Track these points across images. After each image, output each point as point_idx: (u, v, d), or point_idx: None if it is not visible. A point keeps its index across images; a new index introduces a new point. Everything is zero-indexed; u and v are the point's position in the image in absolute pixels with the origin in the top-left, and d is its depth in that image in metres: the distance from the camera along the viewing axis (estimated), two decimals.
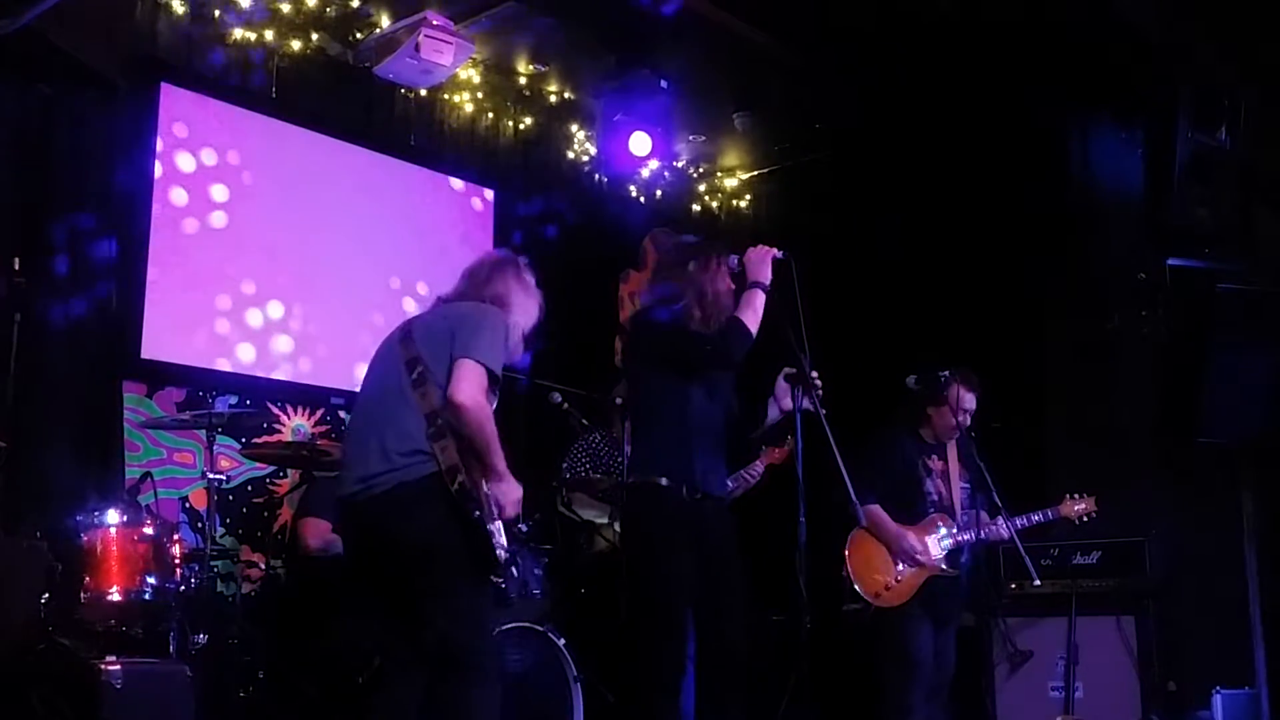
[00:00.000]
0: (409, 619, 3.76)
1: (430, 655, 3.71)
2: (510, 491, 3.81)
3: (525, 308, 4.08)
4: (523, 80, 7.17)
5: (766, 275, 4.43)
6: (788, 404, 4.52)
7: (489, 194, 7.29)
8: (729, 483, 5.85)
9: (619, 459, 6.26)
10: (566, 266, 7.49)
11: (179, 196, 5.96)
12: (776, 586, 5.18)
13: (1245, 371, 6.05)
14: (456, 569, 3.70)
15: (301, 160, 6.44)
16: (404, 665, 3.77)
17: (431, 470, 3.67)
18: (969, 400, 5.28)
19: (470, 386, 3.68)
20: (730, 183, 8.48)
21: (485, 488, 3.74)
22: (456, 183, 7.14)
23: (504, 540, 3.78)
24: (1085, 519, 5.42)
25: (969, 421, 5.26)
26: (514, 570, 4.57)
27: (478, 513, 3.68)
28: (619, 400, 6.06)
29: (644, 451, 4.47)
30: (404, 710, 3.74)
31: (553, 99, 7.34)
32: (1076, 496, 5.41)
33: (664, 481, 4.32)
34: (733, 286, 4.53)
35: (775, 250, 4.48)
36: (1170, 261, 6.21)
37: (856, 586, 5.25)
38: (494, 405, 3.86)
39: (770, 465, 5.84)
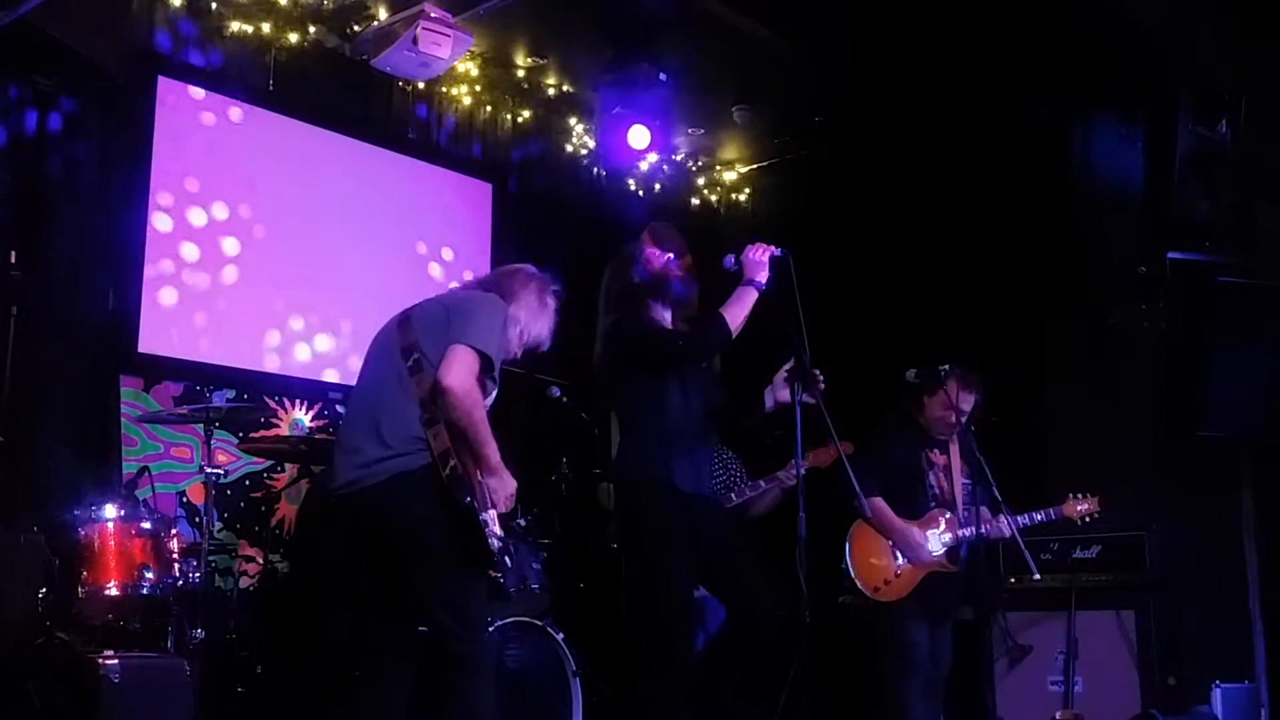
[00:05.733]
0: (403, 611, 3.76)
1: (425, 647, 3.70)
2: (503, 486, 3.78)
3: (533, 314, 4.03)
4: (521, 73, 7.14)
5: (763, 275, 4.42)
6: (784, 396, 4.51)
7: (487, 187, 7.26)
8: (761, 483, 5.85)
9: None
10: (565, 260, 7.48)
11: (181, 190, 5.95)
12: (775, 582, 5.17)
13: (1246, 365, 6.02)
14: (450, 559, 3.68)
15: (298, 153, 6.42)
16: (394, 659, 3.77)
17: (428, 460, 3.66)
18: (965, 399, 5.25)
19: (460, 371, 3.64)
20: (729, 176, 8.46)
21: (479, 477, 3.73)
22: (454, 176, 7.12)
23: (497, 529, 3.75)
24: (1088, 519, 5.41)
25: (964, 420, 5.23)
26: (507, 560, 4.57)
27: (469, 499, 3.64)
28: None
29: (627, 451, 4.49)
30: (392, 705, 3.73)
31: (551, 92, 7.31)
32: (1079, 496, 5.39)
33: (649, 478, 4.33)
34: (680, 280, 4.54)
35: (773, 248, 4.46)
36: (1171, 255, 6.18)
37: (855, 580, 5.24)
38: (493, 395, 3.83)
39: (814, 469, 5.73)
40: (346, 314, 6.45)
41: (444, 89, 7.00)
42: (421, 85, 6.82)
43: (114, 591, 4.49)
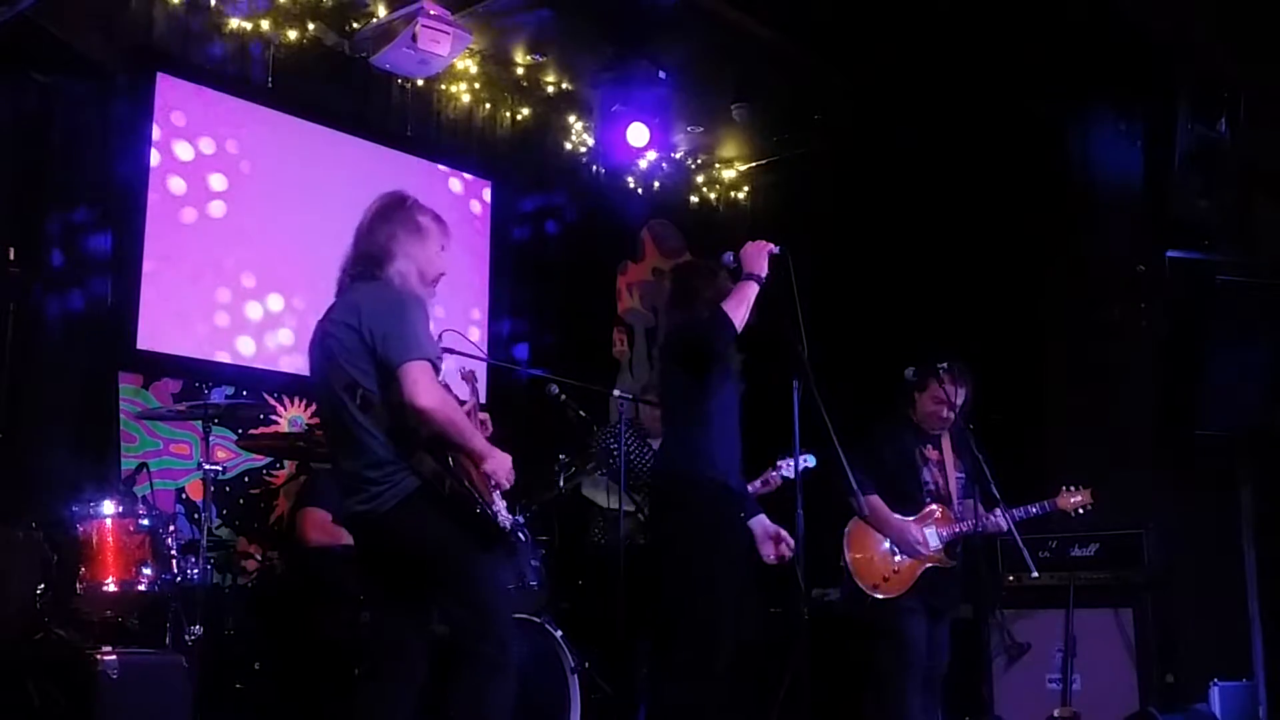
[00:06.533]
0: (426, 615, 3.80)
1: (445, 648, 3.72)
2: (500, 465, 3.80)
3: (413, 252, 3.91)
4: (520, 71, 7.15)
5: (762, 268, 4.45)
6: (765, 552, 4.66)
7: (486, 185, 7.27)
8: (755, 483, 5.88)
9: (645, 450, 6.26)
10: (564, 258, 7.51)
11: (177, 185, 5.96)
12: (773, 578, 5.18)
13: (1244, 363, 6.03)
14: (471, 568, 3.72)
15: (298, 150, 6.42)
16: (396, 659, 3.77)
17: (422, 480, 3.68)
18: (956, 395, 5.26)
19: (424, 387, 3.62)
20: (728, 174, 8.47)
21: (475, 473, 3.75)
22: (453, 174, 7.12)
23: (504, 510, 3.80)
24: (1081, 511, 5.41)
25: (954, 416, 5.24)
26: (520, 535, 4.60)
27: (478, 509, 3.69)
28: (615, 393, 6.07)
29: (673, 447, 4.55)
30: (392, 704, 3.74)
31: (550, 90, 7.32)
32: (1073, 489, 5.40)
33: (698, 473, 4.38)
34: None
35: (771, 245, 4.49)
36: (1170, 253, 6.18)
37: (855, 579, 5.24)
38: (442, 367, 3.87)
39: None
40: None
41: (443, 86, 7.00)
42: (420, 83, 6.81)
43: (112, 588, 4.49)
